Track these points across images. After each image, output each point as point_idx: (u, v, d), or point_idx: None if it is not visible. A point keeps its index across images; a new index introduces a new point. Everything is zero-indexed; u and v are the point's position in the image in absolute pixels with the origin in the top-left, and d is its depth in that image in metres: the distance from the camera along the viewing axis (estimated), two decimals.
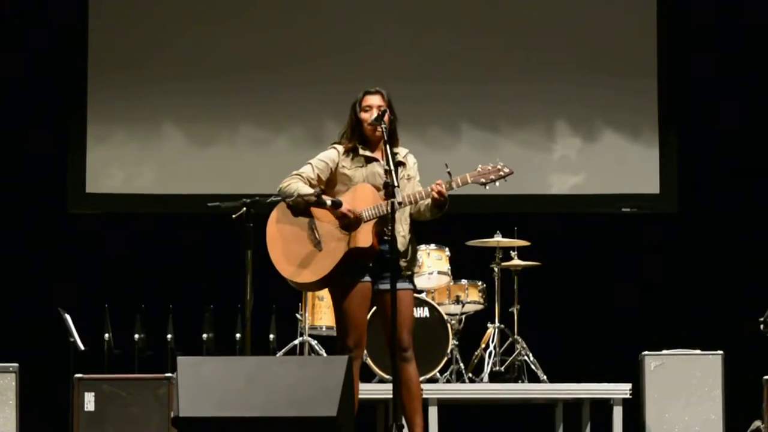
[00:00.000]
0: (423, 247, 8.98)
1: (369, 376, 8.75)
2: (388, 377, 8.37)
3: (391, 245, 6.46)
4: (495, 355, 9.12)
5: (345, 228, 6.49)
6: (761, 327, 8.10)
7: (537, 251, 9.37)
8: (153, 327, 9.20)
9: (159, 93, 10.18)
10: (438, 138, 10.15)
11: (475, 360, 9.22)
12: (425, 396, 8.05)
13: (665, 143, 10.24)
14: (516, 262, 9.29)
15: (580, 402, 8.95)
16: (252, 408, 5.57)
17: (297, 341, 8.99)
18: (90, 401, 7.84)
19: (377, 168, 6.61)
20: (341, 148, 6.66)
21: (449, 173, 6.50)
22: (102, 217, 10.16)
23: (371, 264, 6.52)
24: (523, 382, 9.01)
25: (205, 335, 9.22)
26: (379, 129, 6.54)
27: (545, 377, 8.97)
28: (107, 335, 9.08)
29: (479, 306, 9.29)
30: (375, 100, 6.63)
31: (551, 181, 10.29)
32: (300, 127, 10.18)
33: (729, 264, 10.06)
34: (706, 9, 10.20)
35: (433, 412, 8.42)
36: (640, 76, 10.21)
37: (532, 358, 9.06)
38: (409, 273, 6.62)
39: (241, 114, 10.22)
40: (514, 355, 9.10)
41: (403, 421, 6.45)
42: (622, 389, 8.54)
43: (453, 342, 8.94)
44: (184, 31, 10.26)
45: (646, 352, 8.58)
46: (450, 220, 7.04)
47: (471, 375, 9.10)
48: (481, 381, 9.02)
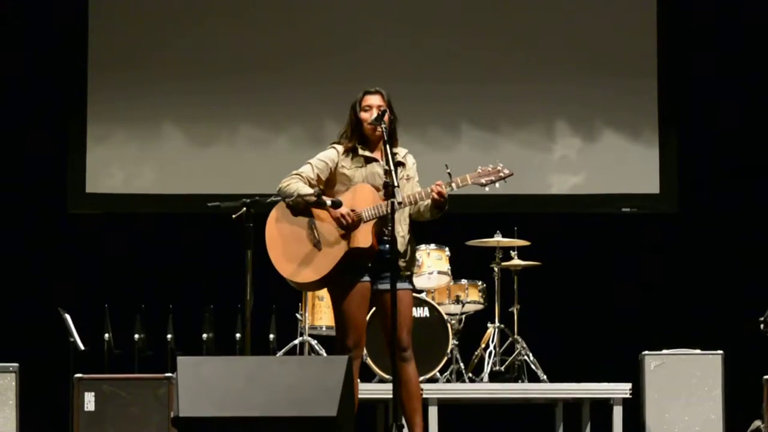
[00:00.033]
0: (423, 247, 8.98)
1: (369, 376, 8.75)
2: (388, 377, 8.36)
3: (391, 245, 6.46)
4: (495, 355, 9.12)
5: (344, 228, 6.49)
6: (761, 327, 8.09)
7: (537, 251, 9.37)
8: (153, 327, 9.20)
9: (159, 93, 10.18)
10: (438, 138, 10.15)
11: (475, 360, 9.22)
12: (425, 396, 8.05)
13: (665, 143, 10.24)
14: (516, 262, 9.29)
15: (580, 402, 8.95)
16: (252, 408, 5.57)
17: (297, 341, 8.99)
18: (90, 401, 7.83)
19: (377, 168, 6.61)
20: (341, 148, 6.65)
21: (449, 174, 6.50)
22: (102, 217, 10.15)
23: (370, 264, 6.52)
24: (523, 382, 9.01)
25: (205, 335, 9.22)
26: (379, 129, 6.54)
27: (545, 377, 8.97)
28: (107, 335, 9.08)
29: (479, 306, 9.28)
30: (375, 100, 6.63)
31: (551, 181, 10.29)
32: (300, 127, 10.18)
33: (729, 264, 10.06)
34: (706, 9, 10.20)
35: (433, 412, 8.42)
36: (640, 76, 10.21)
37: (532, 358, 9.06)
38: (408, 273, 6.61)
39: (241, 114, 10.22)
40: (514, 355, 9.09)
41: (403, 421, 6.45)
42: (622, 389, 8.53)
43: (453, 342, 8.94)
44: (184, 31, 10.26)
45: (646, 351, 8.58)
46: (450, 220, 7.03)
47: (471, 375, 9.10)
48: (481, 381, 9.01)
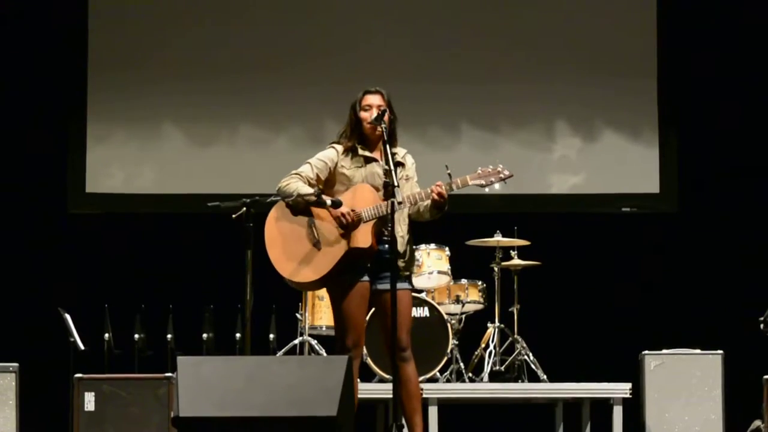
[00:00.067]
0: (423, 247, 8.98)
1: (369, 376, 8.75)
2: (387, 377, 8.37)
3: (391, 246, 6.45)
4: (495, 355, 9.12)
5: (344, 228, 6.49)
6: (761, 327, 8.09)
7: (537, 251, 9.37)
8: (153, 327, 9.20)
9: (159, 93, 10.18)
10: (438, 138, 10.15)
11: (475, 360, 9.22)
12: (425, 396, 8.05)
13: (665, 143, 10.24)
14: (516, 261, 9.29)
15: (580, 402, 8.95)
16: (252, 408, 5.57)
17: (297, 341, 8.99)
18: (90, 401, 7.83)
19: (376, 168, 6.60)
20: (340, 147, 6.65)
21: (449, 174, 6.50)
22: (102, 217, 10.15)
23: (369, 264, 6.52)
24: (523, 381, 9.01)
25: (205, 335, 9.22)
26: (379, 128, 6.53)
27: (545, 377, 8.97)
28: (107, 335, 9.08)
29: (479, 306, 9.28)
30: (375, 99, 6.63)
31: (551, 181, 10.29)
32: (300, 127, 10.18)
33: (729, 264, 10.06)
34: (706, 9, 10.20)
35: (433, 411, 8.42)
36: (640, 76, 10.21)
37: (532, 357, 9.06)
38: (408, 273, 6.61)
39: (241, 114, 10.22)
40: (514, 355, 9.09)
41: (403, 421, 6.45)
42: (622, 389, 8.53)
43: (453, 342, 8.94)
44: (184, 31, 10.26)
45: (646, 351, 8.58)
46: (450, 219, 7.03)
47: (471, 375, 9.09)
48: (481, 381, 9.01)
